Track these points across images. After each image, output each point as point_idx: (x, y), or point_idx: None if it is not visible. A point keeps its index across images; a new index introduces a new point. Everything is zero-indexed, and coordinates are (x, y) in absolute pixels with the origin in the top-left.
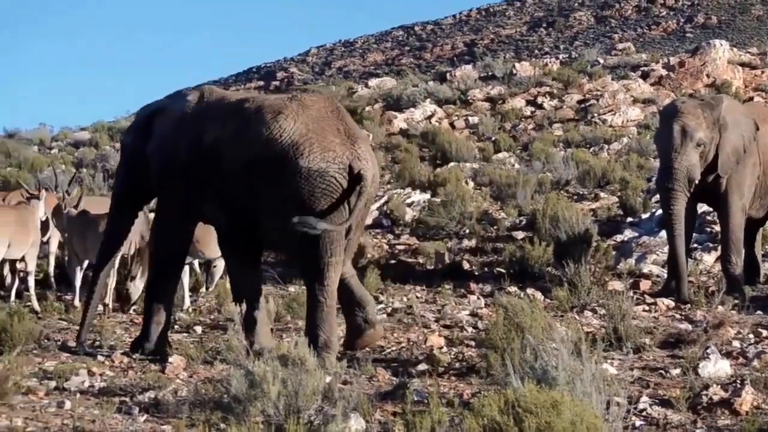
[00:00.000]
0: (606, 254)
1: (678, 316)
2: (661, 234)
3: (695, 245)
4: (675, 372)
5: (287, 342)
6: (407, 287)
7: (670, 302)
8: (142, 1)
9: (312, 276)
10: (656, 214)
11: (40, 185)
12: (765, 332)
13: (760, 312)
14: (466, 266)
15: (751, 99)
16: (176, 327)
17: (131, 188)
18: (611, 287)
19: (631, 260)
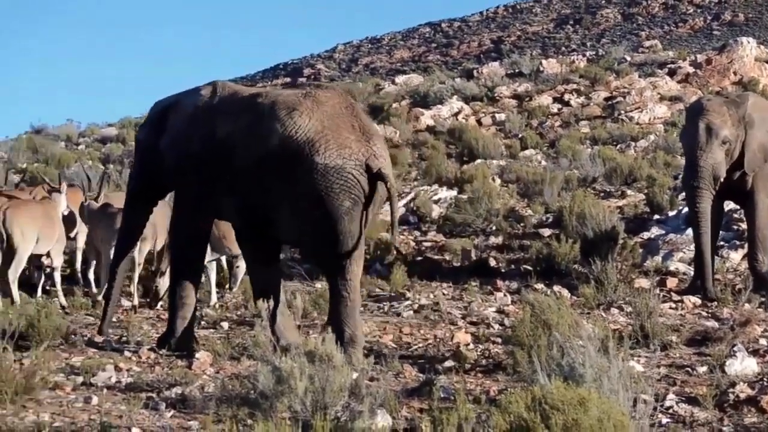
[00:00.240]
0: (633, 252)
1: (705, 314)
2: (688, 231)
3: (722, 243)
4: (701, 370)
5: (314, 338)
6: (434, 284)
7: (697, 300)
8: None
9: (334, 271)
10: (683, 212)
11: (61, 180)
12: None
13: None
14: (493, 263)
15: None
16: (203, 323)
17: (146, 184)
18: (638, 285)
19: (658, 258)
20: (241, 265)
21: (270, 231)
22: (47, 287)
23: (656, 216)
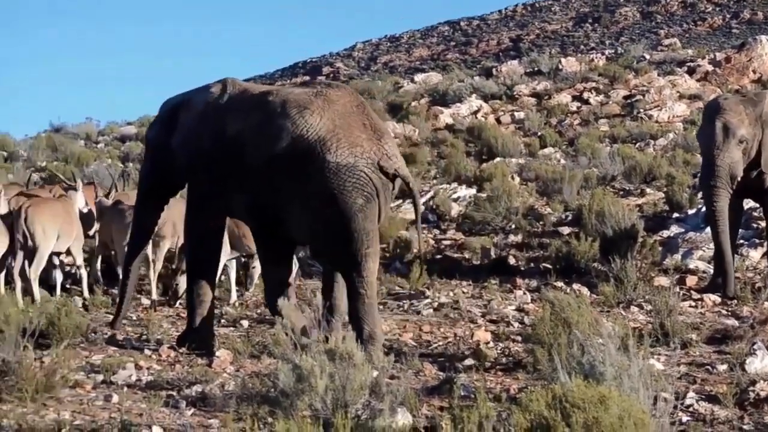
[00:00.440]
0: (652, 250)
1: (724, 312)
2: (707, 230)
3: (741, 241)
4: (722, 368)
5: (334, 337)
6: (453, 282)
7: (717, 298)
8: None
9: (350, 269)
10: (702, 210)
11: (75, 177)
12: None
13: None
14: (512, 261)
15: None
16: (223, 321)
17: (157, 182)
18: (657, 283)
19: (678, 256)
20: (257, 265)
21: (280, 230)
22: (66, 286)
23: (675, 214)
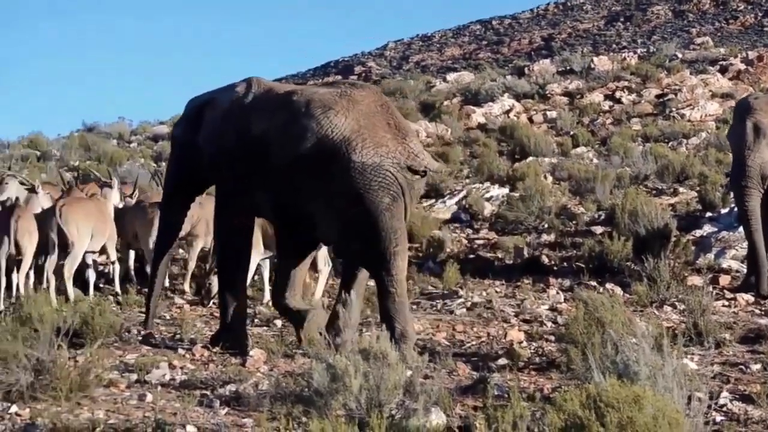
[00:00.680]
0: (685, 249)
1: (758, 312)
2: (740, 229)
3: None
4: (755, 367)
5: (368, 336)
6: (486, 282)
7: (750, 297)
8: None
9: (379, 268)
10: (735, 209)
11: (111, 175)
12: None
13: None
14: (545, 261)
15: None
16: (256, 321)
17: (184, 180)
18: (690, 282)
19: (711, 255)
20: None
21: (303, 229)
22: (100, 285)
23: (708, 213)
